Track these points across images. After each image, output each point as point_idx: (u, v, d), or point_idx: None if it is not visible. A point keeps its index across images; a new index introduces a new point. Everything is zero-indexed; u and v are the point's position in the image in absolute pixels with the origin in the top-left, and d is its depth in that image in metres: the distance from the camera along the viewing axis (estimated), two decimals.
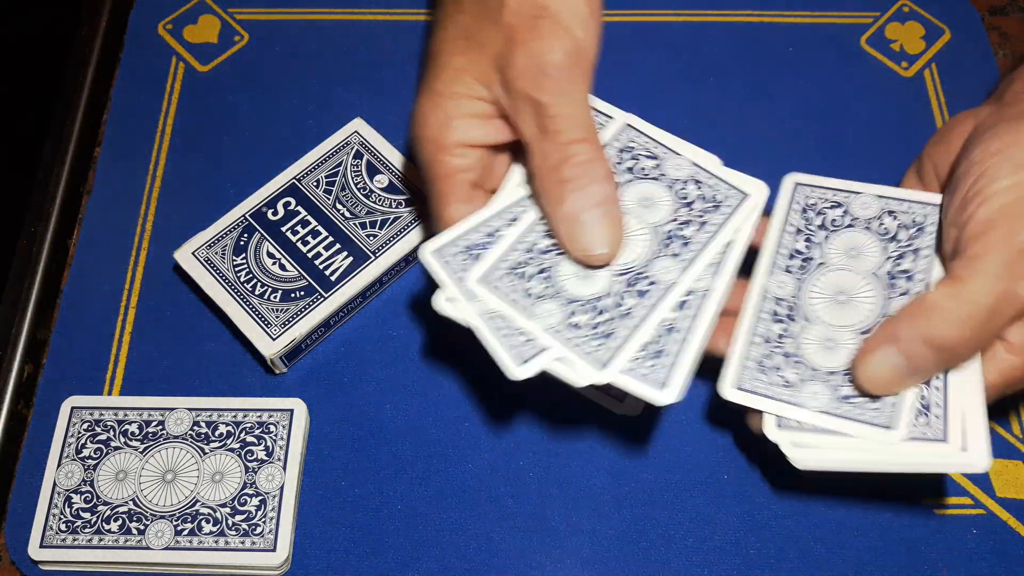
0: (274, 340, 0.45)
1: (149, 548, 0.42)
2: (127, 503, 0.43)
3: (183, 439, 0.45)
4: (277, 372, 0.47)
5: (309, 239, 0.48)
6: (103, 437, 0.45)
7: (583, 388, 0.35)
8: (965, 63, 0.57)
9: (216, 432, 0.45)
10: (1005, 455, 0.46)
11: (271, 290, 0.47)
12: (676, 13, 0.59)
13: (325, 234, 0.48)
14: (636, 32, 0.58)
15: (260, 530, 0.42)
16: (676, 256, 0.37)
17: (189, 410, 0.45)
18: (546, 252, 0.37)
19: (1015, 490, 0.45)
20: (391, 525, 0.44)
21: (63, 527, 0.43)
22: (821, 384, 0.36)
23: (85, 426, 0.45)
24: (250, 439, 0.45)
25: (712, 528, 0.44)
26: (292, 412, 0.45)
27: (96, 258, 0.51)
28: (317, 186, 0.50)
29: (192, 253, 0.48)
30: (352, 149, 0.51)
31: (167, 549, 0.42)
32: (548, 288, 0.36)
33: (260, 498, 0.43)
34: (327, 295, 0.47)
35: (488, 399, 0.47)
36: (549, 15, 0.35)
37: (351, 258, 0.48)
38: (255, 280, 0.47)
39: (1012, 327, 0.36)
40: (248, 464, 0.44)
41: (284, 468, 0.44)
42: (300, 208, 0.49)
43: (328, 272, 0.47)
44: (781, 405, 0.36)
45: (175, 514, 0.43)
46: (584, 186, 0.35)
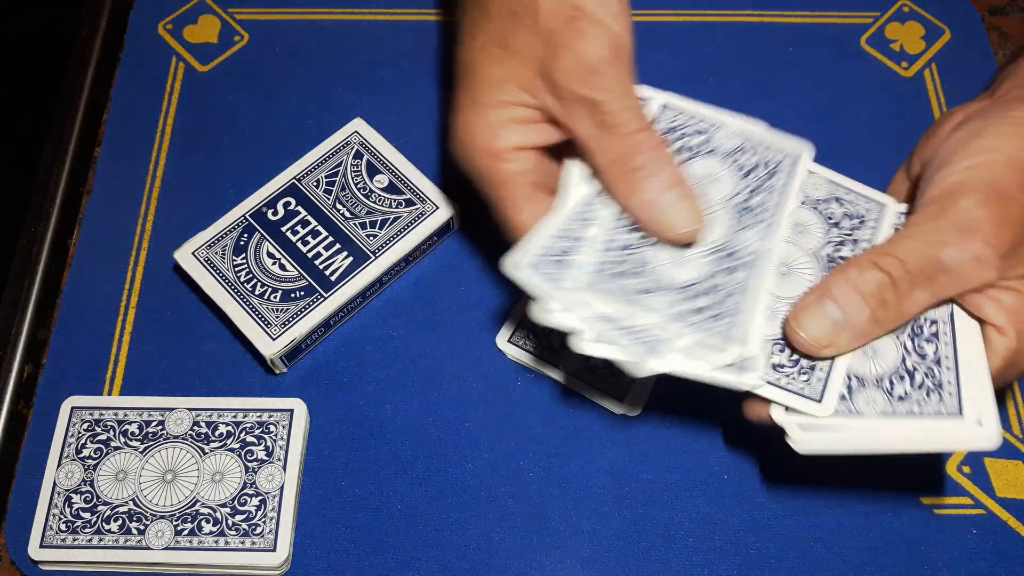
0: (274, 340, 0.45)
1: (149, 548, 0.42)
2: (127, 503, 0.43)
3: (183, 439, 0.45)
4: (277, 372, 0.47)
5: (309, 239, 0.48)
6: (103, 437, 0.45)
7: (635, 378, 0.34)
8: (965, 63, 0.57)
9: (216, 432, 0.45)
10: (1005, 455, 0.46)
11: (271, 290, 0.47)
12: (676, 13, 0.59)
13: (325, 234, 0.48)
14: (637, 32, 0.57)
15: (260, 530, 0.42)
16: (754, 225, 0.37)
17: (189, 410, 0.45)
18: (633, 246, 0.37)
19: (1015, 490, 0.45)
20: (391, 525, 0.44)
21: (63, 527, 0.43)
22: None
23: (85, 426, 0.45)
24: (250, 439, 0.45)
25: (712, 528, 0.44)
26: (292, 412, 0.45)
27: (96, 258, 0.51)
28: (317, 186, 0.50)
29: (192, 253, 0.48)
30: (352, 149, 0.51)
31: (167, 549, 0.42)
32: (647, 282, 0.36)
33: (260, 498, 0.43)
34: (327, 295, 0.47)
35: (488, 399, 0.47)
36: (585, 15, 0.35)
37: (351, 258, 0.48)
38: (255, 280, 0.47)
39: (994, 311, 0.36)
40: (248, 464, 0.44)
41: (284, 468, 0.44)
42: (300, 208, 0.49)
43: (328, 272, 0.47)
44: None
45: (175, 514, 0.43)
46: (655, 172, 0.36)
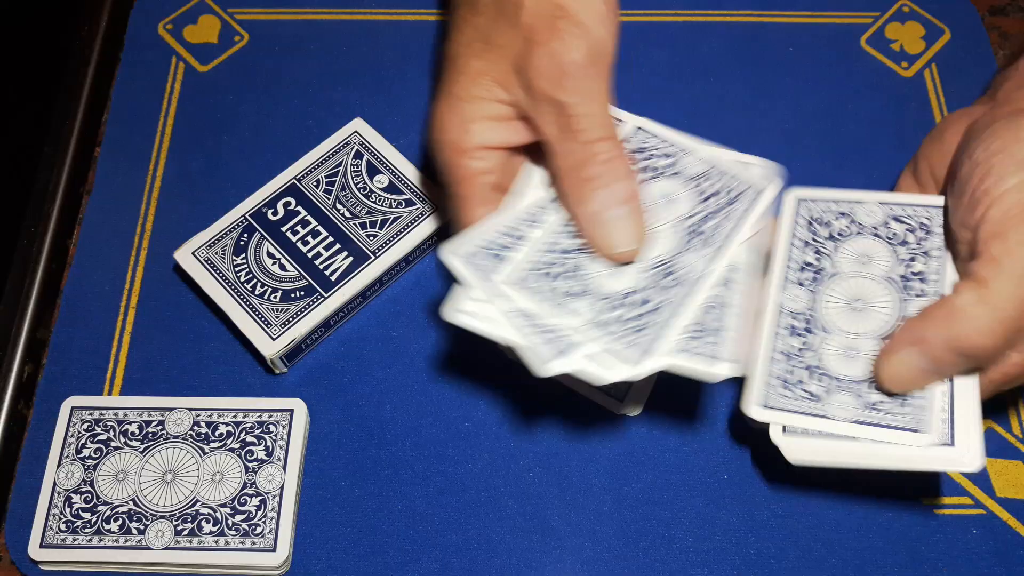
0: (274, 340, 0.45)
1: (149, 548, 0.42)
2: (127, 503, 0.43)
3: (183, 439, 0.45)
4: (277, 372, 0.47)
5: (309, 239, 0.48)
6: (103, 437, 0.45)
7: (602, 385, 0.34)
8: (965, 63, 0.57)
9: (216, 432, 0.45)
10: (1005, 455, 0.46)
11: (271, 290, 0.47)
12: (676, 13, 0.59)
13: (325, 234, 0.48)
14: (636, 32, 0.58)
15: (260, 530, 0.42)
16: (701, 248, 0.36)
17: (189, 410, 0.45)
18: (573, 252, 0.37)
19: (1015, 490, 0.45)
20: (391, 525, 0.44)
21: (63, 527, 0.43)
22: (847, 394, 0.35)
23: (85, 426, 0.45)
24: (250, 439, 0.45)
25: (712, 528, 0.44)
26: (292, 412, 0.45)
27: (96, 258, 0.51)
28: (317, 186, 0.50)
29: (192, 253, 0.48)
30: (352, 149, 0.51)
31: (167, 549, 0.42)
32: (577, 286, 0.36)
33: (260, 498, 0.43)
34: (327, 295, 0.47)
35: (488, 399, 0.47)
36: (568, 15, 0.35)
37: (351, 258, 0.48)
38: (255, 280, 0.47)
39: None
40: (248, 464, 0.44)
41: (284, 468, 0.44)
42: (300, 208, 0.49)
43: (328, 272, 0.47)
44: (810, 419, 0.35)
45: (175, 514, 0.43)
46: (607, 184, 0.35)
